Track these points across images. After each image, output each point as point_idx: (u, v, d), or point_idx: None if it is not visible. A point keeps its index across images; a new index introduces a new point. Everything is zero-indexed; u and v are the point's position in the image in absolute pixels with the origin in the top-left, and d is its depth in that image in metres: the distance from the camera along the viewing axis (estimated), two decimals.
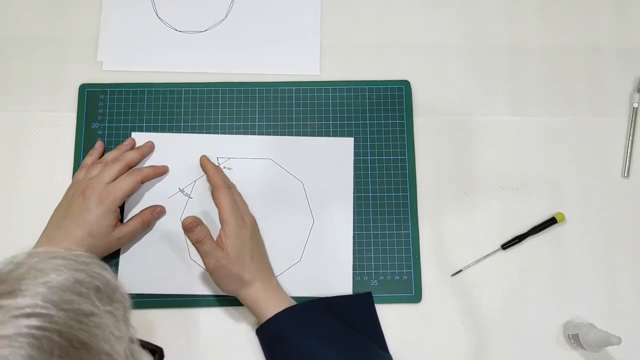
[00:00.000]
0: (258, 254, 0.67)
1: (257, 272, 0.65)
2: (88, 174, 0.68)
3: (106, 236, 0.66)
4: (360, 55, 0.78)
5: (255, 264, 0.65)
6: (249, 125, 0.75)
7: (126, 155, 0.70)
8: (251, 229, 0.67)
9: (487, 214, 0.73)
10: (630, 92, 0.78)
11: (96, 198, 0.65)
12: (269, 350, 0.65)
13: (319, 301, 0.66)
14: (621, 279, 0.72)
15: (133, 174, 0.68)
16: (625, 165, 0.75)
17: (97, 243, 0.65)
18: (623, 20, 0.80)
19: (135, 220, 0.69)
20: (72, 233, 0.64)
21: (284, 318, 0.63)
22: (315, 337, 0.62)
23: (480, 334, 0.70)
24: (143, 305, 0.69)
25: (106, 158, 0.70)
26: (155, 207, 0.70)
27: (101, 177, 0.67)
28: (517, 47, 0.79)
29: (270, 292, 0.65)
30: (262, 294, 0.64)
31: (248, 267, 0.64)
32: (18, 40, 0.78)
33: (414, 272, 0.71)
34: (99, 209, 0.65)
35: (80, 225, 0.64)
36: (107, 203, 0.65)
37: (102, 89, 0.76)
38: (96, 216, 0.65)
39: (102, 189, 0.66)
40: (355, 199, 0.73)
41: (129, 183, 0.67)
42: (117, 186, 0.66)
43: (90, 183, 0.66)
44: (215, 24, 0.79)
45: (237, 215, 0.66)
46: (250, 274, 0.64)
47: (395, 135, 0.75)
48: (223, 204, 0.66)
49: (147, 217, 0.69)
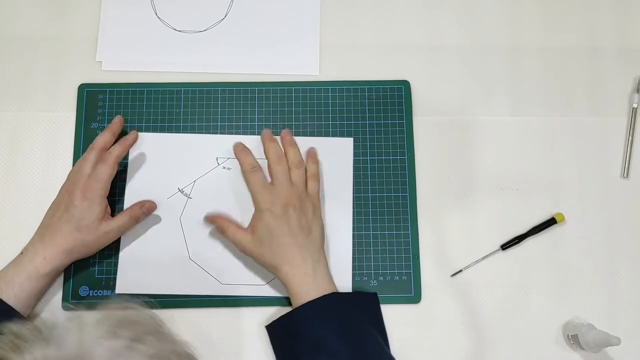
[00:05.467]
0: (289, 237, 0.65)
1: (283, 257, 0.64)
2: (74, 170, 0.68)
3: (94, 230, 0.65)
4: (360, 55, 0.78)
5: (282, 247, 0.64)
6: (248, 125, 0.75)
7: (97, 141, 0.69)
8: (282, 213, 0.65)
9: (487, 214, 0.73)
10: (630, 92, 0.78)
11: (80, 192, 0.65)
12: (282, 345, 0.64)
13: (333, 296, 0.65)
14: (621, 280, 0.72)
15: (106, 159, 0.67)
16: (624, 166, 0.75)
17: (85, 237, 0.65)
18: (623, 20, 0.80)
19: (123, 215, 0.68)
20: (60, 229, 0.65)
21: (301, 312, 0.62)
22: (332, 331, 0.61)
23: (480, 334, 0.70)
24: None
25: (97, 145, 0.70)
26: (144, 203, 0.70)
27: (82, 169, 0.67)
28: (517, 47, 0.79)
29: (299, 279, 0.64)
30: (292, 279, 0.64)
31: (274, 251, 0.64)
32: (17, 40, 0.78)
33: (413, 272, 0.71)
34: (83, 203, 0.65)
35: (67, 220, 0.65)
36: (91, 196, 0.65)
37: (102, 89, 0.76)
38: (82, 210, 0.65)
39: (84, 183, 0.66)
40: (355, 199, 0.73)
41: (105, 171, 0.67)
42: (96, 177, 0.66)
43: (75, 178, 0.67)
44: (215, 24, 0.79)
45: (263, 199, 0.66)
46: (277, 257, 0.64)
47: (395, 135, 0.75)
48: (250, 188, 0.68)
49: (135, 212, 0.69)
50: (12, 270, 0.64)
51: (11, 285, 0.63)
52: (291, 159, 0.69)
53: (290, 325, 0.62)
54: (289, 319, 0.62)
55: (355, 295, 0.69)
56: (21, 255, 0.65)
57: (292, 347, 0.62)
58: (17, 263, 0.65)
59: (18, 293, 0.63)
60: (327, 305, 0.63)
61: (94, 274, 0.70)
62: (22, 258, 0.65)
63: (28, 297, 0.64)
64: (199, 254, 0.70)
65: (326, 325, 0.61)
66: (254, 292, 0.70)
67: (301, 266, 0.64)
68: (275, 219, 0.65)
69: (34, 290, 0.65)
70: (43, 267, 0.64)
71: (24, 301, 0.64)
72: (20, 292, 0.63)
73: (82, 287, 0.70)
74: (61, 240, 0.65)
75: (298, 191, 0.67)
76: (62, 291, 0.69)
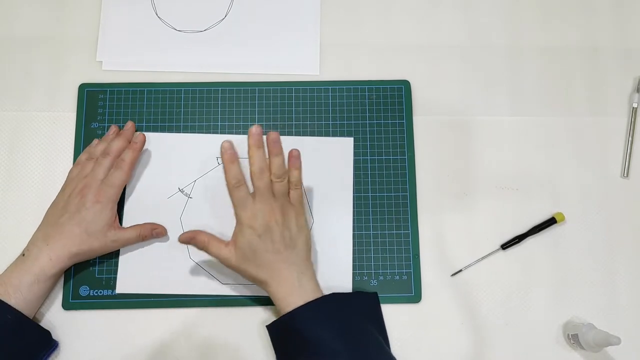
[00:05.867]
0: (273, 254, 0.63)
1: (267, 272, 0.63)
2: (82, 171, 0.69)
3: (103, 235, 0.66)
4: (360, 55, 0.78)
5: (266, 263, 0.63)
6: (248, 125, 0.75)
7: (112, 147, 0.69)
8: (265, 230, 0.63)
9: (487, 214, 0.73)
10: (630, 92, 0.78)
11: (92, 196, 0.66)
12: (282, 345, 0.64)
13: (333, 296, 0.65)
14: (621, 279, 0.72)
15: (120, 166, 0.68)
16: (624, 166, 0.75)
17: (93, 242, 0.66)
18: (623, 20, 0.80)
19: (132, 230, 0.69)
20: (69, 231, 0.65)
21: (300, 313, 0.62)
22: (332, 332, 0.61)
23: (480, 334, 0.70)
24: (143, 305, 0.69)
25: (95, 153, 0.70)
26: (156, 227, 0.70)
27: (95, 174, 0.67)
28: (517, 47, 0.79)
29: (285, 291, 0.63)
30: (278, 292, 0.63)
31: (258, 266, 0.63)
32: (17, 39, 0.78)
33: (413, 272, 0.71)
34: (95, 206, 0.65)
35: (78, 222, 0.65)
36: (103, 201, 0.66)
37: (102, 89, 0.76)
38: (93, 214, 0.65)
39: (97, 187, 0.66)
40: (355, 198, 0.73)
41: (119, 177, 0.67)
42: (109, 182, 0.67)
43: (87, 181, 0.67)
44: (215, 24, 0.79)
45: (245, 214, 0.64)
46: (261, 273, 0.64)
47: (395, 135, 0.75)
48: (232, 202, 0.65)
49: (145, 232, 0.69)
50: (17, 273, 0.63)
51: (19, 289, 0.63)
52: (274, 170, 0.65)
53: (291, 325, 0.62)
54: (289, 318, 0.62)
55: (355, 295, 0.69)
56: (23, 257, 0.65)
57: (292, 346, 0.62)
58: (21, 265, 0.64)
59: (27, 296, 0.63)
60: (327, 305, 0.63)
61: (94, 274, 0.70)
62: (25, 260, 0.64)
63: (36, 299, 0.64)
64: (199, 254, 0.70)
65: (326, 325, 0.61)
66: (254, 292, 0.70)
67: (287, 279, 0.63)
68: (258, 236, 0.63)
69: (41, 292, 0.65)
70: (50, 268, 0.64)
71: (32, 304, 0.64)
72: (28, 294, 0.63)
73: (83, 287, 0.70)
74: (69, 242, 0.65)
75: (280, 203, 0.65)
76: (62, 291, 0.69)
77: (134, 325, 0.69)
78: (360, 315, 0.66)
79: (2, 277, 0.64)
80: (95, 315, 0.69)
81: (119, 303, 0.69)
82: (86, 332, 0.69)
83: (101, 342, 0.68)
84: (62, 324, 0.68)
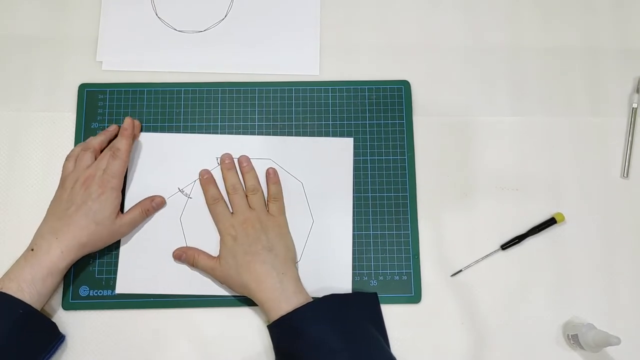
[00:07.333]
0: (251, 255, 0.66)
1: (248, 275, 0.65)
2: (80, 163, 0.69)
3: (110, 224, 0.67)
4: (360, 55, 0.78)
5: (246, 266, 0.65)
6: (248, 125, 0.75)
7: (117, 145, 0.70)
8: (242, 233, 0.67)
9: (487, 214, 0.73)
10: (630, 92, 0.78)
11: (97, 187, 0.67)
12: (282, 345, 0.64)
13: (333, 296, 0.66)
14: (621, 279, 0.72)
15: (117, 155, 0.69)
16: (624, 166, 0.75)
17: (102, 231, 0.66)
18: (623, 20, 0.80)
19: (135, 209, 0.70)
20: (77, 222, 0.65)
21: (301, 313, 0.62)
22: (332, 331, 0.61)
23: (480, 334, 0.70)
24: (143, 305, 0.69)
25: (92, 145, 0.71)
26: (153, 197, 0.71)
27: (99, 165, 0.69)
28: (517, 47, 0.79)
29: (268, 294, 0.64)
30: (261, 296, 0.64)
31: (239, 271, 0.65)
32: (17, 39, 0.78)
33: (413, 272, 0.71)
34: (101, 197, 0.66)
35: (85, 213, 0.66)
36: (108, 190, 0.67)
37: (102, 89, 0.76)
38: (99, 204, 0.66)
39: (101, 177, 0.68)
40: (355, 199, 0.73)
41: (118, 166, 0.68)
42: (110, 172, 0.68)
43: (89, 173, 0.68)
44: (215, 24, 0.79)
45: (224, 226, 0.69)
46: (243, 277, 0.65)
47: (395, 135, 0.75)
48: (213, 218, 0.71)
49: (146, 205, 0.70)
50: (29, 268, 0.63)
51: (33, 283, 0.63)
52: (247, 185, 0.71)
53: (291, 325, 0.62)
54: (289, 319, 0.62)
55: (355, 295, 0.69)
56: (33, 252, 0.64)
57: (292, 347, 0.62)
58: (31, 260, 0.64)
59: (40, 290, 0.63)
60: (327, 306, 0.63)
61: (94, 274, 0.70)
62: (35, 254, 0.64)
63: (48, 293, 0.65)
64: None
65: (326, 326, 0.61)
66: None
67: (267, 281, 0.64)
68: (235, 240, 0.67)
69: (53, 285, 0.65)
70: (61, 260, 0.64)
71: (44, 298, 0.64)
72: (42, 288, 0.63)
73: (82, 287, 0.70)
74: (78, 233, 0.65)
75: (258, 214, 0.69)
76: (62, 291, 0.69)
77: (134, 326, 0.69)
78: (360, 316, 0.66)
79: (12, 273, 0.63)
80: (95, 316, 0.69)
81: (118, 303, 0.69)
82: (86, 332, 0.69)
83: (101, 342, 0.68)
84: (62, 324, 0.68)
